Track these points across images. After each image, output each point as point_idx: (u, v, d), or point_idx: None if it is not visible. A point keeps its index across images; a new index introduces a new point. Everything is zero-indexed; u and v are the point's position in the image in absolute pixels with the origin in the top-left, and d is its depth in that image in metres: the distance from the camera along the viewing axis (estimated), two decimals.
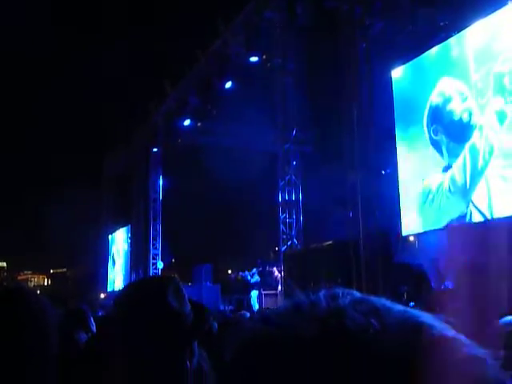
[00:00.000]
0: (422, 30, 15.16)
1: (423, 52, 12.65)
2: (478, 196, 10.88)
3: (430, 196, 12.29)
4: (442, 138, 12.03)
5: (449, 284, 10.83)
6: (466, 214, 11.22)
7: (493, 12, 10.75)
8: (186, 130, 22.79)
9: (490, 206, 10.53)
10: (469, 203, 11.15)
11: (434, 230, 11.89)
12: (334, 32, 14.24)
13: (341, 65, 13.74)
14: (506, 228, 8.76)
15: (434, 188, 12.17)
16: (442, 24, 14.24)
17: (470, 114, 11.20)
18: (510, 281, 6.19)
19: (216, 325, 3.24)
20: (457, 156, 11.51)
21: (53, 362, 1.98)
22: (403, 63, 13.27)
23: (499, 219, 10.01)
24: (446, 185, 11.78)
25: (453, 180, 11.54)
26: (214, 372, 1.79)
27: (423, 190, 12.48)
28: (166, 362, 1.58)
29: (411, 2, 15.17)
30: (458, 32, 11.51)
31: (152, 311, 1.58)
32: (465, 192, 11.26)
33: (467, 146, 11.22)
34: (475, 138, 10.98)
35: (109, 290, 31.32)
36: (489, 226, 10.40)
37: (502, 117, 10.37)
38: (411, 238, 12.96)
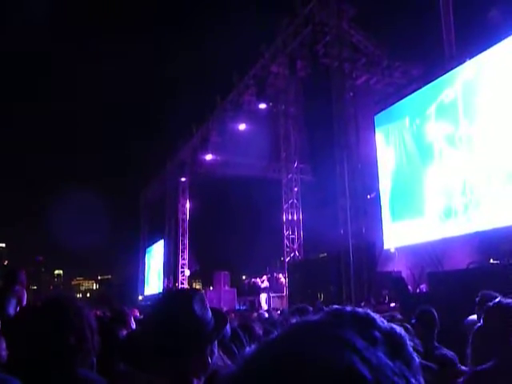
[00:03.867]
0: (398, 81, 15.28)
1: (399, 99, 12.68)
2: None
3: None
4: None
5: (423, 288, 10.75)
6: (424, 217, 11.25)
7: (456, 66, 10.81)
8: (208, 163, 22.91)
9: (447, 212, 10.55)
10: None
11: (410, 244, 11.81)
12: (327, 83, 14.33)
13: (332, 109, 13.80)
14: None
15: None
16: (413, 76, 14.35)
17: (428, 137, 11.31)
18: None
19: (229, 329, 3.20)
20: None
21: (91, 354, 2.04)
22: (382, 108, 13.31)
23: None
24: None
25: None
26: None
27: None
28: (191, 358, 1.60)
29: (388, 59, 15.31)
30: (427, 84, 11.53)
31: (180, 317, 1.62)
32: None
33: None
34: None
35: (145, 293, 31.22)
36: None
37: (451, 139, 10.47)
38: (392, 250, 12.87)
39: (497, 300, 2.87)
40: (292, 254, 16.21)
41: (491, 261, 8.94)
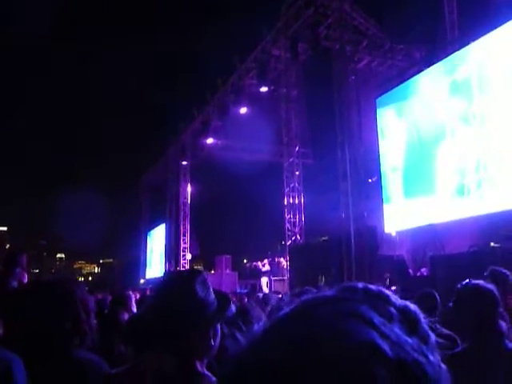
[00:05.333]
0: (400, 63, 15.16)
1: (400, 83, 12.58)
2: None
3: None
4: None
5: (424, 271, 10.77)
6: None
7: (459, 49, 10.73)
8: (209, 147, 22.83)
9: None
10: None
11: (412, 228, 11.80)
12: (329, 66, 14.23)
13: (334, 92, 13.73)
14: None
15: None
16: (415, 59, 14.24)
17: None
18: None
19: (234, 307, 3.18)
20: None
21: (89, 335, 2.05)
22: (384, 91, 13.21)
23: None
24: None
25: None
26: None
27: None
28: (193, 340, 1.59)
29: (390, 41, 15.17)
30: (428, 66, 11.43)
31: (182, 298, 1.60)
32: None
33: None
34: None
35: (147, 276, 31.37)
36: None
37: (464, 117, 10.33)
38: (393, 234, 12.87)
39: (466, 281, 2.86)
40: (293, 238, 16.24)
41: (492, 244, 8.94)
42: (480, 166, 9.84)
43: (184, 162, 25.73)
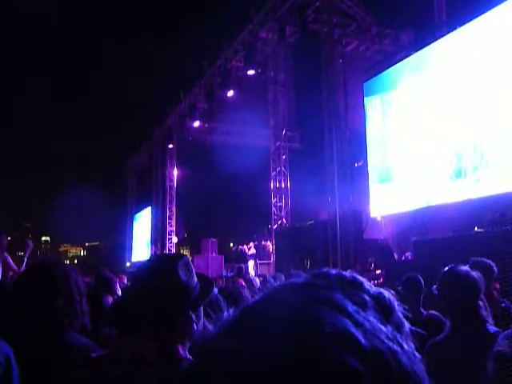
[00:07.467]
0: (387, 48, 15.15)
1: (388, 67, 12.55)
2: None
3: None
4: None
5: (408, 256, 10.88)
6: None
7: (446, 34, 10.73)
8: (196, 130, 22.74)
9: None
10: None
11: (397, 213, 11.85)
12: (317, 50, 14.19)
13: (322, 76, 13.70)
14: None
15: None
16: (403, 43, 14.24)
17: None
18: None
19: (216, 290, 3.18)
20: None
21: (80, 317, 2.06)
22: (372, 76, 13.18)
23: None
24: None
25: None
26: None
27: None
28: (175, 324, 1.59)
29: (378, 26, 15.14)
30: (416, 51, 11.42)
31: (164, 282, 1.59)
32: None
33: None
34: None
35: (132, 260, 31.31)
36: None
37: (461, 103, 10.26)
38: (378, 218, 12.94)
39: (450, 266, 2.87)
40: (279, 222, 16.29)
41: (476, 229, 9.05)
42: (477, 150, 9.79)
43: (170, 145, 25.61)
